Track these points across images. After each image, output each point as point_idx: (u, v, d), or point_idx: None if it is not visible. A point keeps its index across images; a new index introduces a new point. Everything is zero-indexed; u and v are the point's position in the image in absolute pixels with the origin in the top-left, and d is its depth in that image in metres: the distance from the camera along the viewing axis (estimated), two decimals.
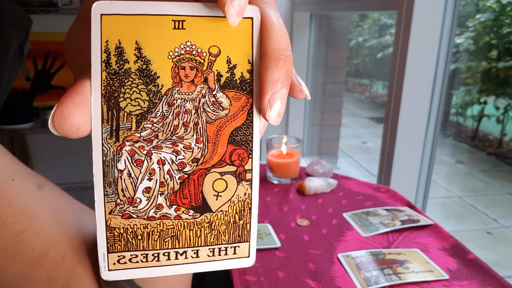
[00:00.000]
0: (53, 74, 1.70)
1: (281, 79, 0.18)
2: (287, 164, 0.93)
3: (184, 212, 0.20)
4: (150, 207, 0.20)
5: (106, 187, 0.19)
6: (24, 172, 0.26)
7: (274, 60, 0.18)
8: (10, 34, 0.90)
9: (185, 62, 0.19)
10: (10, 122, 1.62)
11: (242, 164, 0.20)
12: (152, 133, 0.19)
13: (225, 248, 0.21)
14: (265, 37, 0.19)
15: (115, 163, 0.19)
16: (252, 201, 0.21)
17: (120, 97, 0.18)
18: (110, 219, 0.19)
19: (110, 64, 0.18)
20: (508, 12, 2.23)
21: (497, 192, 2.36)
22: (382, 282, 0.58)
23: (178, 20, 0.18)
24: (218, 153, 0.20)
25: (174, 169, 0.20)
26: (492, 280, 0.57)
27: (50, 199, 0.26)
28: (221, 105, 0.19)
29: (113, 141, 0.19)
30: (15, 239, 0.23)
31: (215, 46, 0.19)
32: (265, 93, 0.18)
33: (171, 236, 0.20)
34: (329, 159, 1.93)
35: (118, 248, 0.20)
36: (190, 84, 0.19)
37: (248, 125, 0.20)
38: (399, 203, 0.83)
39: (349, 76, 5.34)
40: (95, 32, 0.18)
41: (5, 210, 0.23)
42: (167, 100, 0.19)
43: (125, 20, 0.18)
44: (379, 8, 1.11)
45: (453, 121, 2.99)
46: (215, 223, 0.20)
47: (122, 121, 0.19)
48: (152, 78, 0.19)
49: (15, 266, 0.24)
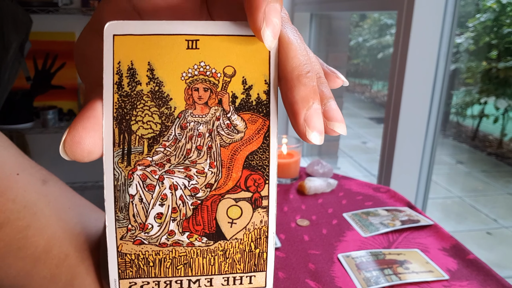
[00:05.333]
0: (53, 74, 1.71)
1: (310, 95, 0.17)
2: (287, 164, 0.93)
3: (197, 239, 0.19)
4: (162, 233, 0.19)
5: (118, 212, 0.18)
6: (29, 166, 0.25)
7: (297, 78, 0.17)
8: (10, 34, 0.90)
9: (198, 83, 0.18)
10: (10, 122, 1.62)
11: (258, 190, 0.19)
12: (164, 157, 0.19)
13: (240, 278, 0.20)
14: (283, 55, 0.18)
15: (126, 187, 0.18)
16: (268, 229, 0.20)
17: (132, 120, 0.18)
18: (121, 244, 0.19)
19: (122, 86, 0.18)
20: (508, 12, 2.23)
21: (497, 193, 2.36)
22: (382, 282, 0.57)
23: (191, 39, 0.18)
24: (232, 178, 0.19)
25: (187, 194, 0.19)
26: (492, 280, 0.57)
27: (55, 195, 0.26)
28: (236, 128, 0.19)
29: (125, 165, 0.18)
30: (19, 235, 0.23)
31: (230, 66, 0.18)
32: (298, 115, 0.17)
33: (184, 264, 0.20)
34: (329, 159, 1.93)
35: (130, 274, 0.19)
36: (203, 106, 0.18)
37: (265, 149, 0.19)
38: (399, 203, 0.83)
39: (349, 76, 5.34)
40: (108, 53, 0.17)
41: (10, 205, 0.23)
42: (180, 123, 0.18)
43: (138, 40, 0.17)
44: (379, 8, 1.11)
45: (453, 121, 2.99)
46: (229, 251, 0.20)
47: (134, 144, 0.18)
48: (164, 100, 0.18)
49: (19, 263, 0.24)
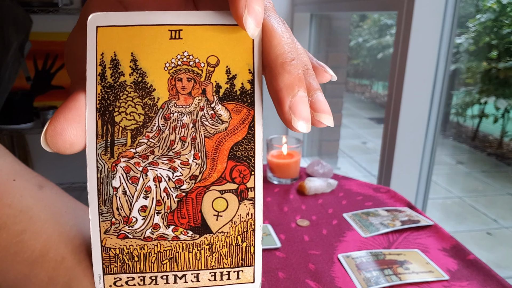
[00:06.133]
0: (53, 74, 1.71)
1: (295, 82, 0.17)
2: (287, 164, 0.93)
3: (183, 232, 0.19)
4: (146, 227, 0.19)
5: (101, 205, 0.18)
6: (25, 172, 0.26)
7: (281, 65, 0.17)
8: (10, 34, 0.90)
9: (182, 73, 0.18)
10: (10, 122, 1.62)
11: (243, 182, 0.19)
12: (148, 149, 0.18)
13: (227, 273, 0.19)
14: (266, 43, 0.18)
15: (110, 180, 0.18)
16: (255, 222, 0.19)
17: (115, 111, 0.18)
18: (105, 238, 0.18)
19: (106, 77, 0.17)
20: (508, 12, 2.23)
21: (497, 193, 2.36)
22: (382, 282, 0.57)
23: (174, 30, 0.18)
24: (217, 169, 0.19)
25: (171, 186, 0.19)
26: (492, 280, 0.57)
27: (51, 199, 0.26)
28: (220, 118, 0.18)
29: (108, 157, 0.18)
30: (15, 239, 0.24)
31: (214, 55, 0.18)
32: (283, 102, 0.17)
33: (169, 258, 0.19)
34: (329, 159, 1.93)
35: (114, 269, 0.19)
36: (187, 96, 0.18)
37: (250, 139, 0.18)
38: (399, 204, 0.83)
39: (349, 76, 5.34)
40: (91, 45, 0.17)
41: (6, 210, 0.23)
42: (163, 113, 0.18)
43: (121, 31, 0.17)
44: (379, 9, 1.11)
45: (453, 121, 2.99)
46: (216, 245, 0.19)
47: (117, 136, 0.18)
48: (148, 91, 0.18)
49: (16, 266, 0.24)
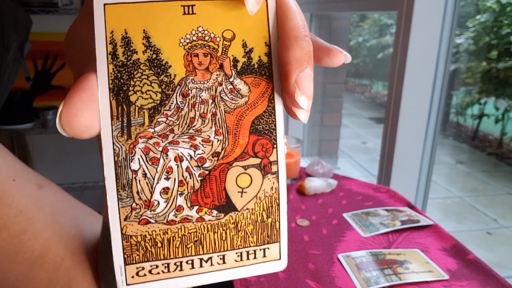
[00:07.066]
0: (53, 74, 1.71)
1: (305, 58, 0.17)
2: (287, 164, 0.93)
3: (207, 213, 0.18)
4: (169, 210, 0.18)
5: (120, 191, 0.17)
6: (25, 172, 0.26)
7: (294, 38, 0.17)
8: (10, 34, 0.90)
9: (198, 48, 0.17)
10: (10, 122, 1.62)
11: (266, 156, 0.18)
12: (167, 128, 0.17)
13: (253, 251, 0.19)
14: (281, 16, 0.18)
15: (128, 163, 0.17)
16: (280, 196, 0.19)
17: (130, 91, 0.17)
18: (125, 226, 0.17)
19: (117, 55, 0.17)
20: (508, 12, 2.23)
21: (497, 192, 2.36)
22: (382, 282, 0.57)
23: (187, 5, 0.17)
24: (239, 145, 0.18)
25: (193, 165, 0.18)
26: (492, 280, 0.57)
27: (50, 199, 0.26)
28: (239, 93, 0.18)
29: (125, 138, 0.17)
30: (15, 239, 0.23)
31: (229, 30, 0.17)
32: (290, 75, 0.17)
33: (194, 241, 0.18)
34: (329, 159, 1.93)
35: (136, 258, 0.18)
36: (204, 72, 0.18)
37: (270, 112, 0.18)
38: (399, 204, 0.83)
39: (349, 76, 5.34)
40: (99, 23, 0.16)
41: (6, 211, 0.23)
42: (181, 90, 0.17)
43: (130, 8, 0.17)
44: (379, 8, 1.11)
45: (453, 121, 2.99)
46: (241, 223, 0.18)
47: (134, 116, 0.17)
48: (163, 68, 0.17)
49: (16, 267, 0.24)
